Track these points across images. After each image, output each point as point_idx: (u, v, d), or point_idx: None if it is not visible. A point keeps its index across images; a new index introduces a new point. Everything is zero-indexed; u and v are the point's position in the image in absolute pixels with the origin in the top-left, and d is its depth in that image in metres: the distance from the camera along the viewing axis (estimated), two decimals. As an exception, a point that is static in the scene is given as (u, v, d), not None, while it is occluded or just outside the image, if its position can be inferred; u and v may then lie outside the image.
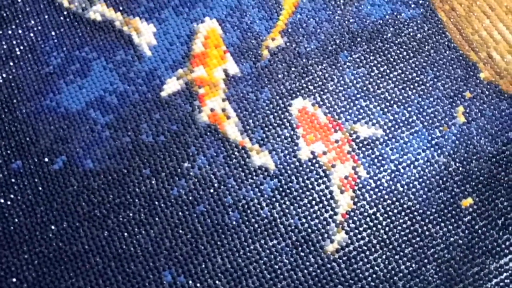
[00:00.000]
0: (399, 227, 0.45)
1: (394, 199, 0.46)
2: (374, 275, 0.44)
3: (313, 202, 0.46)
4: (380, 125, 0.48)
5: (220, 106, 0.49)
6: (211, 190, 0.46)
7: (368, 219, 0.45)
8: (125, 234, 0.45)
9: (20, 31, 0.54)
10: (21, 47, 0.53)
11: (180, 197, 0.46)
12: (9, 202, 0.47)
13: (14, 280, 0.44)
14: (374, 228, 0.45)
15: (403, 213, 0.45)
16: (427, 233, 0.45)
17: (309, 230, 0.45)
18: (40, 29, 0.54)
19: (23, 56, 0.52)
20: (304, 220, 0.45)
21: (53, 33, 0.53)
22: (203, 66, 0.51)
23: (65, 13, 0.54)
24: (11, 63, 0.52)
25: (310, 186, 0.46)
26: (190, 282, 0.44)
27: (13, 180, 0.47)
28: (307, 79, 0.50)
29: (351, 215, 0.45)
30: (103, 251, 0.45)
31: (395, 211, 0.45)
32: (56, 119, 0.50)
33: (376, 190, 0.46)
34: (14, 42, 0.53)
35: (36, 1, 0.55)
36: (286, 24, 0.53)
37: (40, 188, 0.47)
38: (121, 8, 0.54)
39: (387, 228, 0.45)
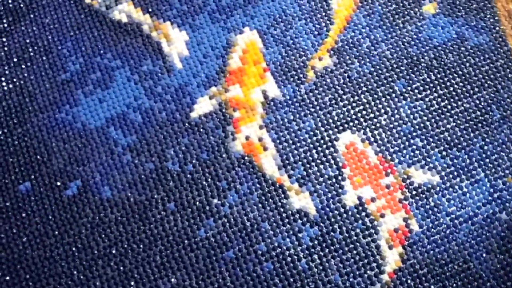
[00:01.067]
0: (451, 292, 0.40)
1: (448, 259, 0.40)
2: None
3: (357, 257, 0.40)
4: (437, 171, 0.42)
5: (257, 134, 0.44)
6: (243, 234, 0.41)
7: (417, 280, 0.40)
8: (144, 278, 0.40)
9: (34, 28, 0.47)
10: (35, 48, 0.47)
11: (207, 239, 0.41)
12: (14, 230, 0.41)
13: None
14: (424, 292, 0.40)
15: (457, 277, 0.40)
16: (482, 300, 0.40)
17: (351, 289, 0.40)
18: (57, 27, 0.47)
19: (36, 59, 0.46)
20: (346, 277, 0.40)
21: (71, 33, 0.47)
22: (240, 85, 0.45)
23: (86, 10, 0.48)
24: (23, 66, 0.46)
25: (354, 238, 0.41)
26: (214, 337, 0.39)
27: (20, 204, 0.42)
28: (357, 110, 0.44)
29: (399, 275, 0.40)
30: (118, 295, 0.40)
31: (448, 274, 0.40)
32: (72, 136, 0.44)
33: (429, 247, 0.41)
34: (28, 41, 0.47)
35: (54, -6, 0.49)
36: (336, 42, 0.47)
37: (50, 217, 0.42)
38: (150, 10, 0.48)
39: (438, 293, 0.40)
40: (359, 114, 0.44)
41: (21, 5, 0.48)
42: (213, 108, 0.45)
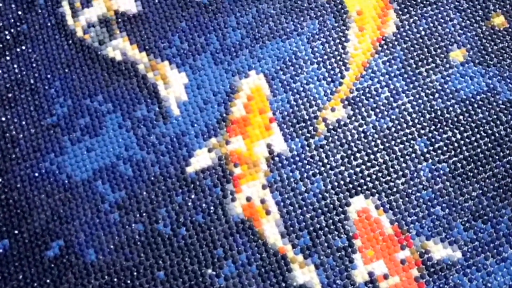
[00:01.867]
0: None
1: None
2: None
3: None
4: (459, 246, 0.38)
5: (259, 195, 0.39)
6: (239, 311, 0.37)
7: None
8: None
9: (21, 64, 0.43)
10: (21, 86, 0.43)
11: (199, 315, 0.37)
12: (-11, 294, 0.38)
13: None
14: None
15: None
16: None
17: None
18: (46, 64, 0.43)
19: (22, 99, 0.42)
20: None
21: (60, 71, 0.43)
22: (243, 137, 0.41)
23: (78, 45, 0.44)
24: (7, 107, 0.42)
25: (363, 321, 0.37)
26: None
27: (-4, 265, 0.38)
28: (372, 171, 0.40)
29: None
30: None
31: None
32: (56, 189, 0.40)
33: (446, 334, 0.36)
34: (13, 78, 0.43)
35: (43, 25, 0.44)
36: (351, 90, 0.42)
37: (28, 280, 0.38)
38: (147, 47, 0.43)
39: None
40: (374, 176, 0.40)
41: (7, 37, 0.44)
42: (211, 162, 0.40)
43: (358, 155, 0.40)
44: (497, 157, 0.40)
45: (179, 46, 0.43)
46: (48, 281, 0.38)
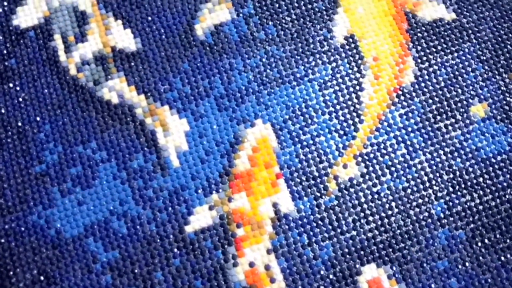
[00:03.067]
0: None
1: None
2: None
3: None
4: (476, 323, 0.36)
5: (263, 260, 0.37)
6: None
7: None
8: None
9: (8, 103, 0.40)
10: (8, 129, 0.39)
11: None
12: None
13: None
14: None
15: None
16: None
17: None
18: (35, 104, 0.40)
19: (8, 144, 0.39)
20: None
21: (51, 113, 0.40)
22: (246, 194, 0.38)
23: (71, 84, 0.40)
24: (-8, 152, 0.39)
25: None
26: None
27: (-23, 329, 0.36)
28: (385, 237, 0.37)
29: None
30: None
31: None
32: (44, 246, 0.37)
33: None
34: (-1, 120, 0.40)
35: (33, 60, 0.41)
36: (364, 145, 0.39)
37: None
38: (146, 89, 0.40)
39: None
40: (387, 243, 0.37)
41: (-6, 73, 0.41)
42: (212, 222, 0.37)
43: (371, 218, 0.37)
44: (518, 226, 0.37)
45: (180, 89, 0.40)
46: None
